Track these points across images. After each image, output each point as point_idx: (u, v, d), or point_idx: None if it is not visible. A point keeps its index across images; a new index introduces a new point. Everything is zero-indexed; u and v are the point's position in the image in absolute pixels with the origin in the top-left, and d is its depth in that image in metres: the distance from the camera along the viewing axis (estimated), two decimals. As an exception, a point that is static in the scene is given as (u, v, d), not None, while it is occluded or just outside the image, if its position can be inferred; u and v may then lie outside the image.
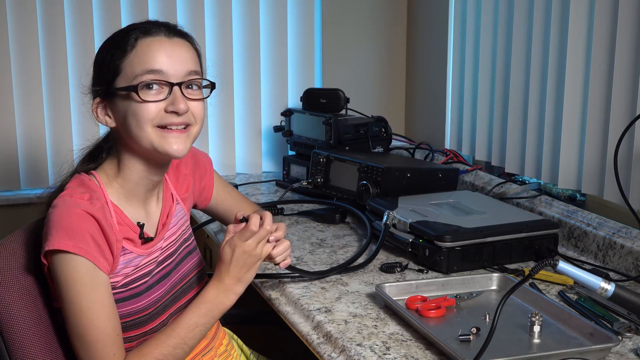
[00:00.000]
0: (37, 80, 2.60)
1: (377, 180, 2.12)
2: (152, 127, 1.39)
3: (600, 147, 1.98)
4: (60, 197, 1.37)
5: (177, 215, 1.58)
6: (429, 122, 2.91)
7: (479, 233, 1.78)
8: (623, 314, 1.48)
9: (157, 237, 1.50)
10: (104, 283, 1.35)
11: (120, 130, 1.43)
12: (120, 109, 1.41)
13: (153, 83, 1.38)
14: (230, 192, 1.79)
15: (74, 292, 1.32)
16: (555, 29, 2.11)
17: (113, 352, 1.35)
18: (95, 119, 1.45)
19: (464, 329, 1.41)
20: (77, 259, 1.31)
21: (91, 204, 1.36)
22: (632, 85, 1.84)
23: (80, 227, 1.32)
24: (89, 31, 2.63)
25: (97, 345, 1.34)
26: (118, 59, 1.40)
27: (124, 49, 1.40)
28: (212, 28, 2.77)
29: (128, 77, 1.39)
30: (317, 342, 1.44)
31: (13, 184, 2.64)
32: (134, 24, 1.45)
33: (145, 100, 1.38)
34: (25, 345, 1.38)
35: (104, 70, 1.42)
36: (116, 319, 1.37)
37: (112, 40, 1.44)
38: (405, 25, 3.05)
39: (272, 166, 2.95)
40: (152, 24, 1.44)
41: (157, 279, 1.49)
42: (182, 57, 1.41)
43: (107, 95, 1.42)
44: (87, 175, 1.44)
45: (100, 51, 1.45)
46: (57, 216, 1.33)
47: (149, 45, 1.39)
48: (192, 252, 1.61)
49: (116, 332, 1.36)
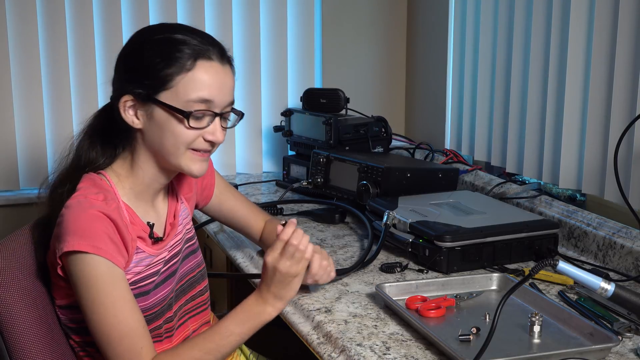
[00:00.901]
0: (37, 80, 2.60)
1: (377, 180, 2.12)
2: (186, 149, 1.42)
3: (601, 147, 1.98)
4: (74, 197, 1.37)
5: (181, 214, 1.59)
6: (429, 122, 2.91)
7: (479, 233, 1.78)
8: (623, 314, 1.48)
9: (167, 238, 1.51)
10: (123, 279, 1.35)
11: (147, 135, 1.42)
12: (157, 120, 1.40)
13: (204, 114, 1.40)
14: (232, 193, 1.79)
15: (95, 291, 1.32)
16: (556, 29, 2.11)
17: (140, 346, 1.33)
18: (120, 114, 1.41)
19: (464, 329, 1.41)
20: (96, 259, 1.32)
21: (106, 204, 1.36)
22: (632, 85, 1.84)
23: (97, 228, 1.33)
24: (89, 31, 2.63)
25: (124, 341, 1.32)
26: (171, 73, 1.37)
27: (180, 65, 1.37)
28: (212, 28, 2.76)
29: (179, 98, 1.38)
30: (317, 342, 1.44)
31: (13, 184, 2.64)
32: (184, 31, 1.41)
33: (192, 128, 1.39)
34: (25, 345, 1.38)
35: (150, 75, 1.38)
36: (139, 312, 1.36)
37: (162, 47, 1.39)
38: (405, 26, 3.05)
39: (272, 166, 2.95)
40: (206, 41, 1.41)
41: (164, 278, 1.49)
42: (229, 88, 1.43)
43: (143, 98, 1.39)
44: (97, 174, 1.44)
45: (142, 50, 1.41)
46: (73, 217, 1.34)
47: (206, 72, 1.39)
48: (194, 251, 1.61)
49: (141, 325, 1.35)
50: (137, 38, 1.45)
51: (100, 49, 2.66)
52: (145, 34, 1.45)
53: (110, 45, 2.65)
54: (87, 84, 2.65)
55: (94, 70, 2.65)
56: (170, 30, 1.42)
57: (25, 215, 2.57)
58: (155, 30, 1.44)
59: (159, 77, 1.37)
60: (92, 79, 2.65)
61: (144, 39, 1.43)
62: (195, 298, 1.60)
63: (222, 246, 2.06)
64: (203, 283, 1.63)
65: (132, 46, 1.44)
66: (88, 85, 2.65)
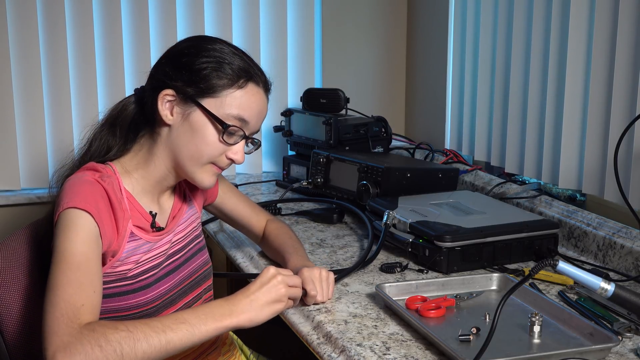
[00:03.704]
0: (37, 80, 2.60)
1: (377, 180, 2.12)
2: (208, 161, 1.45)
3: (601, 147, 1.98)
4: (69, 178, 1.39)
5: (188, 211, 1.60)
6: (429, 122, 2.91)
7: (479, 233, 1.78)
8: (623, 314, 1.48)
9: (167, 228, 1.52)
10: (98, 246, 1.32)
11: (174, 133, 1.44)
12: (192, 122, 1.43)
13: (236, 133, 1.44)
14: (234, 191, 1.81)
15: (66, 238, 1.29)
16: (556, 29, 2.11)
17: (81, 303, 1.24)
18: (156, 104, 1.43)
19: (464, 329, 1.41)
20: (81, 213, 1.31)
21: (101, 179, 1.38)
22: (632, 85, 1.84)
23: (90, 191, 1.35)
24: (89, 31, 2.63)
25: (67, 289, 1.24)
26: (222, 84, 1.42)
27: (232, 80, 1.43)
28: (212, 28, 2.76)
29: (222, 108, 1.42)
30: (317, 342, 1.44)
31: (13, 184, 2.64)
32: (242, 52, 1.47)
33: (223, 141, 1.43)
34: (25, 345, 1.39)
35: (201, 78, 1.42)
36: (99, 280, 1.30)
37: (220, 57, 1.44)
38: (405, 26, 3.05)
39: (272, 166, 2.95)
40: (258, 68, 1.48)
41: (166, 272, 1.50)
42: (263, 117, 1.50)
43: (187, 97, 1.42)
44: (100, 164, 1.45)
45: (199, 54, 1.44)
46: (69, 185, 1.36)
47: (254, 95, 1.45)
48: (201, 249, 1.62)
49: (93, 289, 1.27)
50: (192, 42, 1.49)
51: (100, 49, 2.66)
52: (201, 40, 1.49)
53: (110, 46, 2.65)
54: (87, 84, 2.64)
55: (94, 70, 2.65)
56: (225, 44, 1.47)
57: (26, 215, 2.57)
58: (211, 40, 1.48)
59: (209, 83, 1.42)
60: (92, 79, 2.65)
61: (200, 44, 1.46)
62: (202, 296, 1.61)
63: (222, 246, 2.07)
64: (209, 280, 1.64)
65: (185, 47, 1.47)
66: (88, 85, 2.65)
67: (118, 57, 2.66)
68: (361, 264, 1.76)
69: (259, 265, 1.85)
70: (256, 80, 1.46)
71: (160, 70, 1.47)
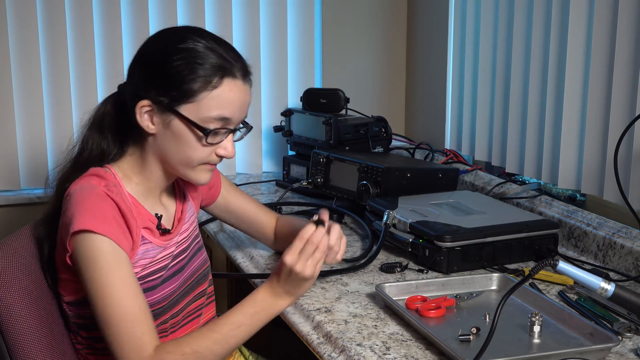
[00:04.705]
0: (37, 80, 2.60)
1: (377, 180, 2.12)
2: (199, 163, 1.43)
3: (600, 147, 1.98)
4: (75, 183, 1.38)
5: (189, 211, 1.60)
6: (429, 122, 2.91)
7: (479, 233, 1.78)
8: (623, 314, 1.48)
9: (174, 231, 1.52)
10: (127, 261, 1.34)
11: (159, 141, 1.42)
12: (173, 130, 1.39)
13: (220, 132, 1.40)
14: (238, 191, 1.80)
15: (98, 270, 1.31)
16: (555, 29, 2.11)
17: (141, 332, 1.30)
18: (135, 117, 1.40)
19: (464, 329, 1.41)
20: (101, 239, 1.31)
21: (108, 189, 1.37)
22: (632, 85, 1.84)
23: (103, 208, 1.34)
24: (89, 31, 2.63)
25: (123, 324, 1.29)
26: (196, 88, 1.36)
27: (206, 81, 1.36)
28: (212, 28, 2.75)
29: (201, 112, 1.37)
30: (317, 342, 1.44)
31: (13, 184, 2.64)
32: (210, 41, 1.39)
33: (208, 144, 1.40)
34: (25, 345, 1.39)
35: (174, 86, 1.37)
36: (142, 298, 1.34)
37: (189, 58, 1.37)
38: (405, 26, 3.05)
39: (272, 166, 2.95)
40: (232, 55, 1.40)
41: (172, 273, 1.50)
42: (247, 105, 1.44)
43: (163, 106, 1.38)
44: (101, 168, 1.44)
45: (168, 58, 1.37)
46: (79, 199, 1.34)
47: (231, 90, 1.39)
48: (200, 249, 1.63)
49: (143, 311, 1.32)
50: (162, 42, 1.43)
51: (100, 49, 2.66)
52: (170, 39, 1.42)
53: (110, 45, 2.65)
54: (87, 84, 2.65)
55: (94, 70, 2.65)
56: (197, 39, 1.39)
57: (26, 215, 2.57)
58: (181, 36, 1.40)
59: (182, 89, 1.36)
60: (92, 79, 2.65)
61: (169, 45, 1.40)
62: (203, 295, 1.61)
63: (222, 246, 2.06)
64: (208, 280, 1.64)
65: (155, 50, 1.42)
66: (88, 85, 2.65)
67: (118, 57, 2.66)
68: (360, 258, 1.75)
69: (259, 265, 1.85)
70: (232, 73, 1.39)
71: (133, 76, 1.43)
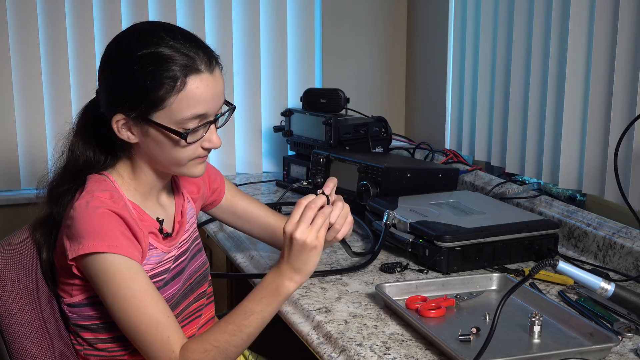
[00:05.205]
0: (37, 80, 2.60)
1: (377, 180, 2.12)
2: (188, 160, 1.42)
3: (601, 147, 1.98)
4: (82, 198, 1.38)
5: (188, 213, 1.60)
6: (429, 122, 2.91)
7: (479, 233, 1.78)
8: (623, 314, 1.48)
9: (176, 235, 1.52)
10: (141, 271, 1.36)
11: (144, 148, 1.41)
12: (153, 138, 1.38)
13: (199, 128, 1.38)
14: (242, 193, 1.79)
15: (116, 287, 1.33)
16: (556, 29, 2.11)
17: (167, 335, 1.34)
18: (114, 132, 1.39)
19: (464, 329, 1.41)
20: (113, 257, 1.33)
21: (114, 202, 1.37)
22: (632, 85, 1.84)
23: (109, 226, 1.34)
24: (89, 31, 2.63)
25: (150, 331, 1.33)
26: (162, 95, 1.33)
27: (171, 86, 1.32)
28: (212, 28, 2.76)
29: (173, 118, 1.35)
30: (317, 342, 1.44)
31: (13, 184, 2.64)
32: (166, 38, 1.35)
33: (190, 143, 1.38)
34: (25, 345, 1.39)
35: (141, 98, 1.34)
36: (162, 300, 1.37)
37: (148, 66, 1.33)
38: (405, 26, 3.05)
39: (272, 166, 2.95)
40: (191, 47, 1.36)
41: (173, 275, 1.50)
42: (220, 94, 1.40)
43: (137, 119, 1.37)
44: (99, 175, 1.44)
45: (128, 70, 1.34)
46: (84, 218, 1.34)
47: (197, 87, 1.34)
48: (200, 250, 1.63)
49: (166, 315, 1.35)
50: (119, 53, 1.39)
51: (100, 49, 2.61)
52: (126, 47, 1.37)
53: (110, 45, 2.65)
54: (87, 84, 2.64)
55: (94, 70, 2.64)
56: (152, 40, 1.35)
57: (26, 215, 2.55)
58: (135, 42, 1.36)
59: (149, 100, 1.34)
60: (92, 79, 2.62)
61: (127, 55, 1.36)
62: (203, 296, 1.61)
63: (222, 246, 2.06)
64: (208, 281, 1.64)
65: (115, 62, 1.39)
66: (88, 86, 2.64)
67: (118, 57, 2.66)
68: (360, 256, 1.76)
69: (259, 265, 1.85)
70: (197, 69, 1.34)
71: (102, 91, 1.41)
